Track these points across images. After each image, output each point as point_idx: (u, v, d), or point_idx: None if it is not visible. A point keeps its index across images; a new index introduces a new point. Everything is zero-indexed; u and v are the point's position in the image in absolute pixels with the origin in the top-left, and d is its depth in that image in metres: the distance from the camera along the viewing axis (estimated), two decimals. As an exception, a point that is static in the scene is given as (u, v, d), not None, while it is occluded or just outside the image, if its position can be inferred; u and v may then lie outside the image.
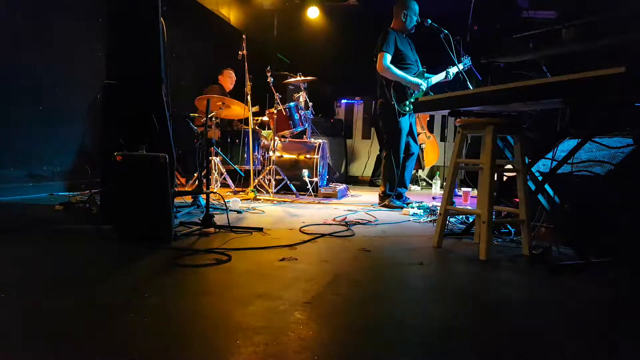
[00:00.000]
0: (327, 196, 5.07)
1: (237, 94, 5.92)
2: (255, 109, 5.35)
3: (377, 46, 4.28)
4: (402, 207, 4.23)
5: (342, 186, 5.49)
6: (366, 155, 8.18)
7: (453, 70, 4.28)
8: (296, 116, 5.15)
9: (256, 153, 5.52)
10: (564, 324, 1.60)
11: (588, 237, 2.53)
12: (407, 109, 4.26)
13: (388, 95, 4.27)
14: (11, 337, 1.30)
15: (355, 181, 7.93)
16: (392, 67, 4.20)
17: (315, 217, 3.62)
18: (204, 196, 3.29)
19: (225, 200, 3.94)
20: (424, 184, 7.61)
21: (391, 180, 4.39)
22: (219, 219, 3.04)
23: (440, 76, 4.35)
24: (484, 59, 3.18)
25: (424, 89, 4.26)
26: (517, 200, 2.62)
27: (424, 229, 3.32)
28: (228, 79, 6.23)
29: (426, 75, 4.34)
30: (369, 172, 7.99)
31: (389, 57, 4.21)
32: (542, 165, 3.00)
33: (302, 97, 5.37)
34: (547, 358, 1.33)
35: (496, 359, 1.31)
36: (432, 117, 7.74)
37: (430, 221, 3.64)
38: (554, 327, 1.56)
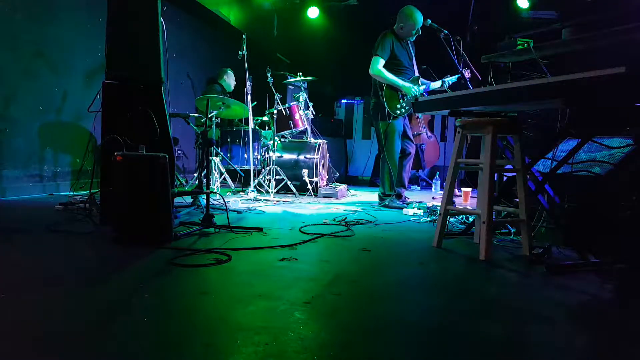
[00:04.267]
0: (327, 196, 5.08)
1: (237, 94, 5.93)
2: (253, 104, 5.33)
3: (374, 48, 4.29)
4: (401, 207, 4.24)
5: (342, 186, 5.49)
6: (366, 155, 8.17)
7: (449, 79, 4.30)
8: (296, 116, 5.15)
9: (256, 153, 5.52)
10: (564, 324, 1.60)
11: (588, 237, 2.52)
12: (399, 112, 4.28)
13: (380, 97, 4.28)
14: (10, 337, 1.29)
15: (355, 181, 7.92)
16: (384, 71, 4.23)
17: (315, 217, 3.62)
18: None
19: (225, 200, 3.94)
20: (424, 184, 7.61)
21: (390, 181, 4.39)
22: (219, 219, 3.04)
23: (436, 84, 4.35)
24: (484, 59, 3.18)
25: (416, 94, 4.25)
26: (517, 200, 2.62)
27: (424, 229, 3.32)
28: (231, 80, 6.27)
29: (421, 81, 4.33)
30: (369, 172, 7.99)
31: (381, 61, 4.24)
32: (542, 165, 3.00)
33: (302, 97, 5.37)
34: (547, 357, 1.33)
35: (496, 358, 1.31)
36: (432, 117, 7.74)
37: (430, 221, 3.64)
38: (554, 326, 1.56)
